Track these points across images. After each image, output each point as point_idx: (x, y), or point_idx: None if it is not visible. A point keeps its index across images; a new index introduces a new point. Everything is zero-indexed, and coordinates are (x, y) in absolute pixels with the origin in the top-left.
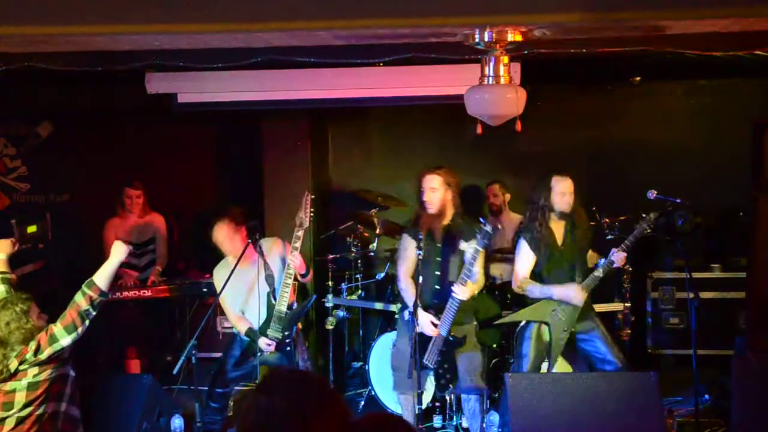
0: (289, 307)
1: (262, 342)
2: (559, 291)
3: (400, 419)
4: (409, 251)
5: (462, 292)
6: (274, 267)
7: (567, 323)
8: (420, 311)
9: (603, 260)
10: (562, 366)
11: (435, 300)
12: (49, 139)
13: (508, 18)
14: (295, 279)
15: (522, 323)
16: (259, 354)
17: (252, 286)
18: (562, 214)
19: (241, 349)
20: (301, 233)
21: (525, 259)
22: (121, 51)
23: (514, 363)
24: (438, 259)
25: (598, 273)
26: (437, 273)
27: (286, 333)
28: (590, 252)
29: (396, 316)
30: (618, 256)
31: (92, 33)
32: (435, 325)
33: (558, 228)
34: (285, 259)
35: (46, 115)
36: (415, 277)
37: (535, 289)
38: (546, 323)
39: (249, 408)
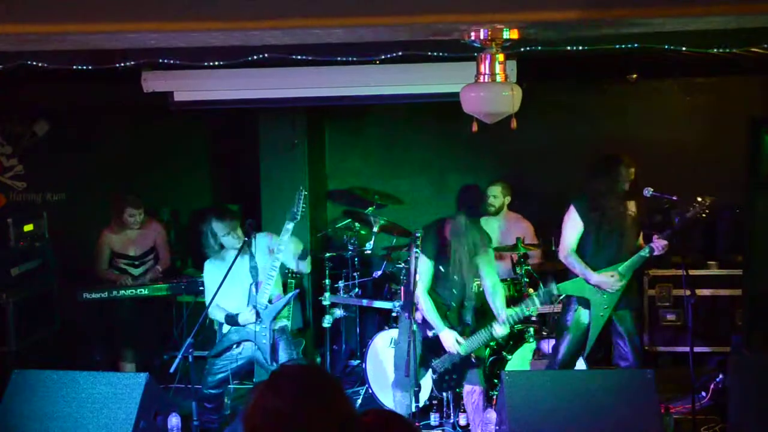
0: (270, 300)
1: (247, 315)
2: (596, 278)
3: (400, 416)
4: (427, 267)
5: (503, 331)
6: (260, 259)
7: (608, 302)
8: (446, 329)
9: (645, 248)
10: None
11: (464, 320)
12: (45, 138)
13: (504, 16)
14: (292, 276)
15: (568, 309)
16: (236, 348)
17: (236, 277)
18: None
19: (218, 342)
20: (290, 226)
21: (573, 227)
22: (117, 49)
23: (551, 355)
24: (455, 277)
25: (634, 260)
26: (454, 291)
27: (264, 326)
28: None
29: (393, 314)
30: (658, 244)
31: (88, 31)
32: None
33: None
34: (270, 249)
35: (43, 113)
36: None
37: (577, 266)
38: (587, 299)
39: (255, 407)
